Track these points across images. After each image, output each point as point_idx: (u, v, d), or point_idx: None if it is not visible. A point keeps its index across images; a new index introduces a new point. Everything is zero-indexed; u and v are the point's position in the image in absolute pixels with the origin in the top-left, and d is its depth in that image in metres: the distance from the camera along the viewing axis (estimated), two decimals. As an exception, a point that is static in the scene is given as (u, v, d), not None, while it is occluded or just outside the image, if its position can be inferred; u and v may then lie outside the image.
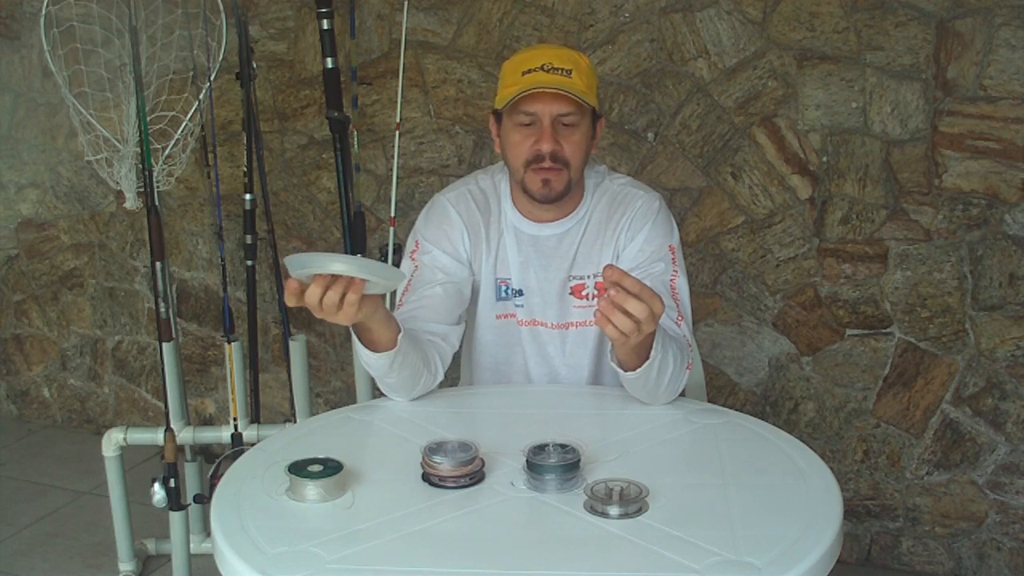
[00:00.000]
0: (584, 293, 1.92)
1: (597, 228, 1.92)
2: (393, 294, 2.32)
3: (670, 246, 1.89)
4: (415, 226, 1.98)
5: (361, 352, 1.71)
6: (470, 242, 1.93)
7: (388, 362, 1.70)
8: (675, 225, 1.93)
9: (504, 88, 1.84)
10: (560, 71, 1.78)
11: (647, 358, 1.64)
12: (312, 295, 1.51)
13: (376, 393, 1.90)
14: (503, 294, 1.94)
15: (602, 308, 1.50)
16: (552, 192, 1.83)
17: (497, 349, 1.98)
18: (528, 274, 1.93)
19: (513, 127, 1.83)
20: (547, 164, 1.80)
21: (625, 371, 1.67)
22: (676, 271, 1.87)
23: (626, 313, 1.48)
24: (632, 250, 1.88)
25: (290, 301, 1.54)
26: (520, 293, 1.94)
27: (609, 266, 1.51)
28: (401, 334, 1.68)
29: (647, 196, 1.92)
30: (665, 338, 1.67)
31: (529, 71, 1.79)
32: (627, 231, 1.90)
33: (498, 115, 1.89)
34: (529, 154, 1.81)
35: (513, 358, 1.98)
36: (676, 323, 1.80)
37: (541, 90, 1.77)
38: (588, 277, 1.92)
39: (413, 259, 1.92)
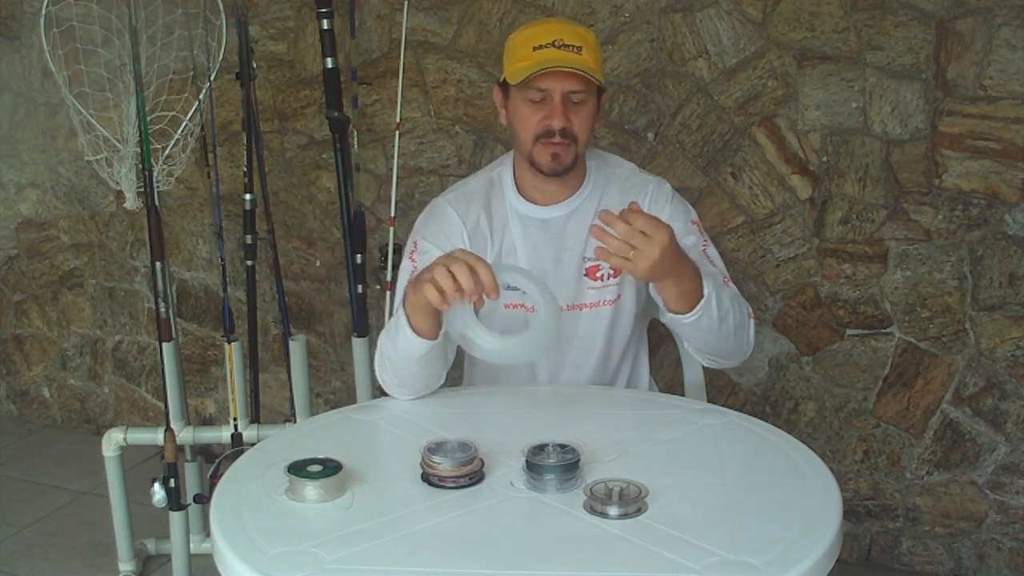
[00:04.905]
0: (599, 275, 1.94)
1: (611, 211, 1.94)
2: (393, 294, 2.31)
3: (692, 221, 1.95)
4: (414, 227, 1.99)
5: (403, 331, 1.70)
6: (470, 240, 1.94)
7: (425, 350, 1.70)
8: (688, 203, 2.00)
9: (514, 62, 1.85)
10: (571, 48, 1.81)
11: (702, 296, 1.67)
12: (453, 274, 1.55)
13: (376, 393, 1.90)
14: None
15: (596, 251, 1.60)
16: (560, 165, 1.86)
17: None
18: (539, 258, 1.94)
19: (523, 102, 1.85)
20: (557, 139, 1.83)
21: (686, 314, 1.70)
22: (706, 241, 1.93)
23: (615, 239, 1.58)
24: None
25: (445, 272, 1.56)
26: None
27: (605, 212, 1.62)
28: (442, 330, 1.69)
29: (657, 180, 1.99)
30: (716, 281, 1.71)
31: (540, 47, 1.81)
32: None
33: (503, 86, 1.91)
34: (539, 129, 1.84)
35: None
36: (724, 284, 1.84)
37: (555, 69, 1.79)
38: None
39: (412, 259, 1.93)
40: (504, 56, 1.91)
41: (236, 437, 2.60)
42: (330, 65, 2.64)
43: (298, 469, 1.44)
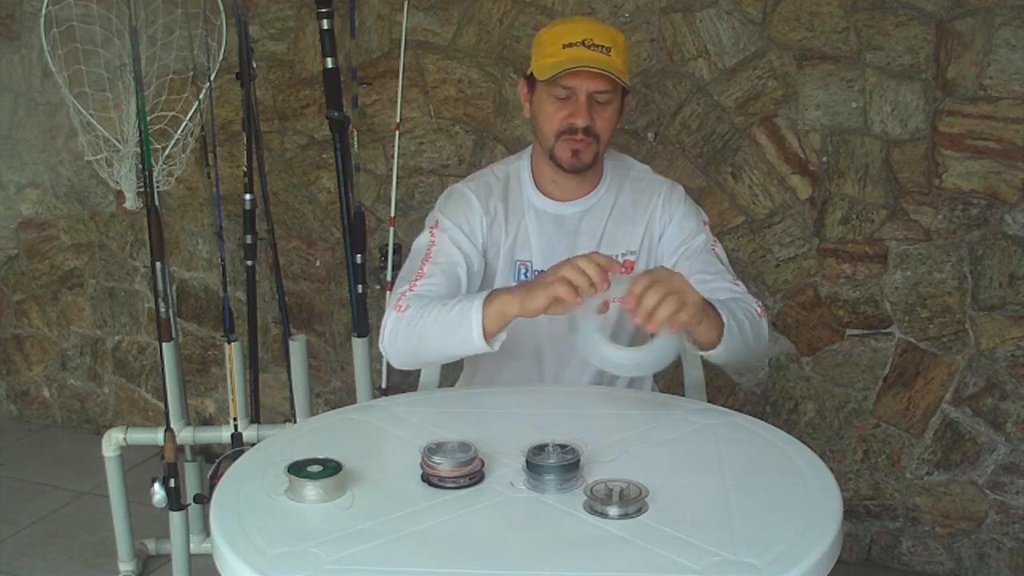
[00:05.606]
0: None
1: (625, 210, 1.97)
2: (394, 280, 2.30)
3: (704, 221, 2.01)
4: (436, 207, 2.01)
5: (469, 329, 1.71)
6: (487, 227, 1.96)
7: (478, 352, 1.72)
8: (699, 205, 2.06)
9: (544, 57, 1.87)
10: (600, 48, 1.83)
11: (723, 324, 1.69)
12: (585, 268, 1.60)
13: (376, 393, 1.90)
14: (522, 276, 1.97)
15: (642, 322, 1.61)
16: (580, 162, 1.89)
17: (511, 330, 1.98)
18: (552, 253, 1.94)
19: (548, 98, 1.88)
20: (579, 137, 1.86)
21: (714, 347, 1.71)
22: (714, 241, 1.98)
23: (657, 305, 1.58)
24: (673, 230, 1.97)
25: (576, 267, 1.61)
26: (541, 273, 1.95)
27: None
28: (502, 339, 1.73)
29: (670, 182, 2.04)
30: (718, 300, 1.74)
31: (570, 45, 1.83)
32: (661, 214, 1.98)
33: (529, 79, 1.94)
34: (562, 126, 1.87)
35: (524, 338, 1.98)
36: (733, 284, 1.88)
37: (583, 68, 1.81)
38: (617, 256, 1.96)
39: (432, 234, 1.94)
40: (533, 50, 1.93)
41: (236, 437, 2.60)
42: (330, 65, 2.64)
43: (298, 469, 1.44)
